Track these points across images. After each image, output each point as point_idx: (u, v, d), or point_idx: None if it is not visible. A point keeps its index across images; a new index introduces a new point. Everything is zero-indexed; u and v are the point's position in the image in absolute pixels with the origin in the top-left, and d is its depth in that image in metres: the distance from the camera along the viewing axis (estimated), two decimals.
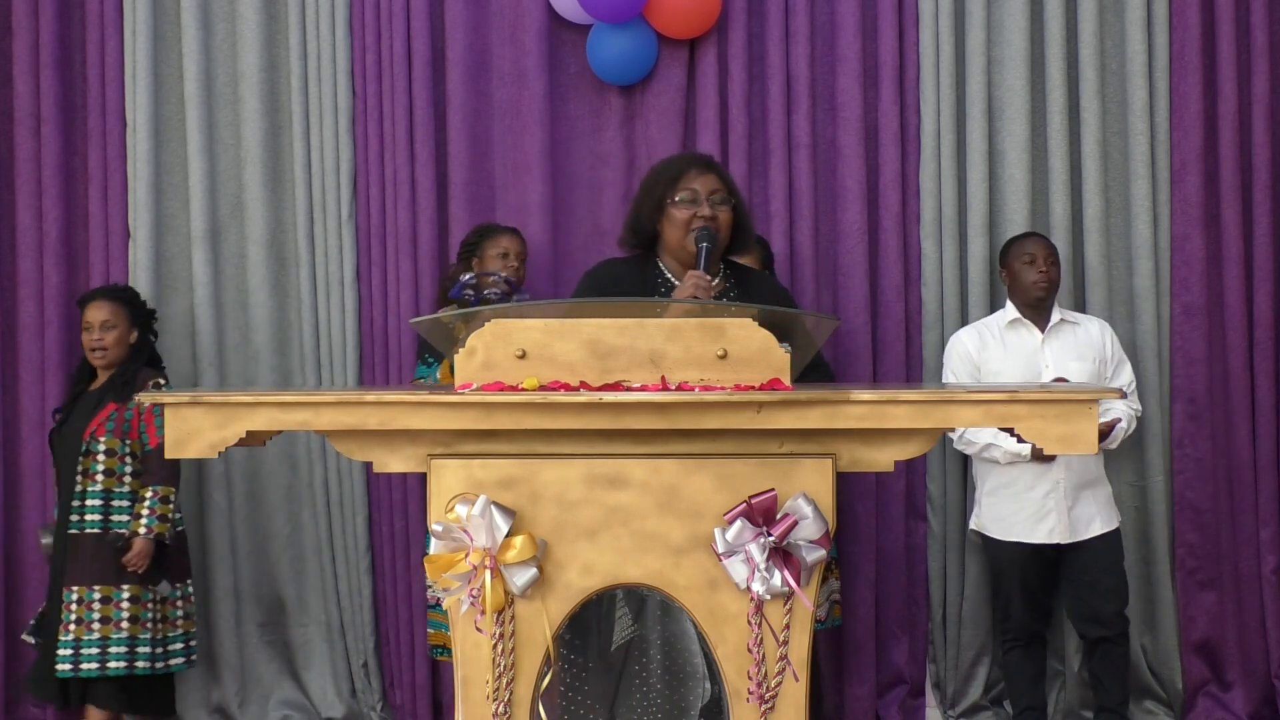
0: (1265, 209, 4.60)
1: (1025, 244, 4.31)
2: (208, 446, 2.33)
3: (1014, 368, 4.23)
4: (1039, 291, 4.24)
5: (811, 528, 2.30)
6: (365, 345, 4.70)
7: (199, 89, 4.67)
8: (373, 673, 4.73)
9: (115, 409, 4.26)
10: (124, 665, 4.16)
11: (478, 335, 2.31)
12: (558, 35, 4.69)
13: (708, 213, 3.17)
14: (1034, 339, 4.27)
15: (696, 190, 3.19)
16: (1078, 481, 4.19)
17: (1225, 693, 4.65)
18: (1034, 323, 4.28)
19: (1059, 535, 4.19)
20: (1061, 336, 4.28)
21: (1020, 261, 4.27)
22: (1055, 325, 4.28)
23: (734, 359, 2.28)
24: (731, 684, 2.33)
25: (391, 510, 4.66)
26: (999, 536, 4.28)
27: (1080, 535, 4.21)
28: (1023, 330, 4.29)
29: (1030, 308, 4.28)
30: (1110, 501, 4.33)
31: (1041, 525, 4.20)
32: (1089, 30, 4.60)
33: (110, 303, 4.33)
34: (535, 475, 2.33)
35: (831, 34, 4.67)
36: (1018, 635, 4.34)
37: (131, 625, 4.17)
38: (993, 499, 4.29)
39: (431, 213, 4.65)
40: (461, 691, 2.35)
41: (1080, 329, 4.31)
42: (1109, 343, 4.32)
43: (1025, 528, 4.21)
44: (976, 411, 2.33)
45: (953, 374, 4.32)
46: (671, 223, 3.19)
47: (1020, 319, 4.28)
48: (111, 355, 4.31)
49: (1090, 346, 4.27)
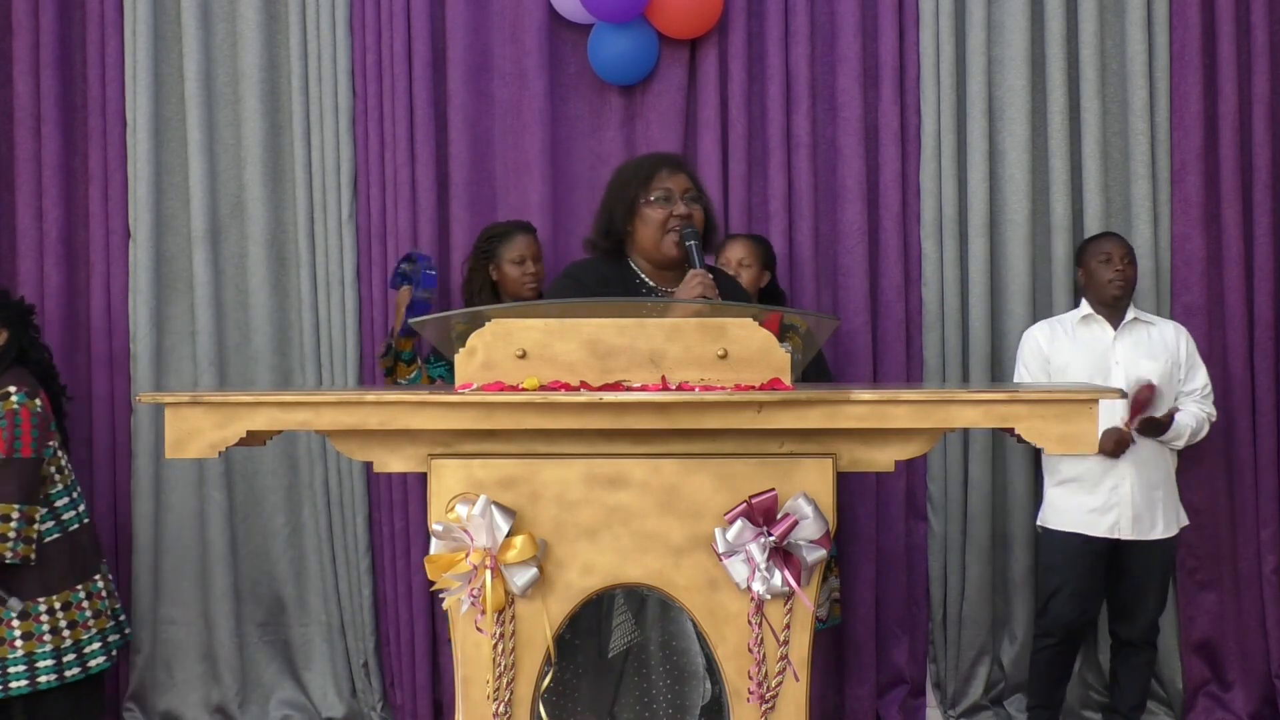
0: (1265, 209, 4.61)
1: (1102, 243, 4.30)
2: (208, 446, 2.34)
3: (1084, 363, 4.22)
4: (1115, 290, 4.24)
5: (812, 528, 2.30)
6: (365, 345, 4.70)
7: (199, 89, 4.67)
8: (373, 673, 4.73)
9: None
10: (26, 683, 4.03)
11: (478, 335, 2.31)
12: (558, 35, 4.69)
13: (683, 211, 3.17)
14: (1106, 336, 4.26)
15: (670, 189, 3.19)
16: (1147, 480, 4.18)
17: (1225, 693, 4.65)
18: (1107, 320, 4.27)
19: (1122, 531, 4.18)
20: (1134, 335, 4.27)
21: (1097, 260, 4.27)
22: (1128, 323, 4.27)
23: (734, 359, 2.29)
24: (731, 684, 2.34)
25: (391, 510, 4.66)
26: (1059, 528, 4.26)
27: (1143, 535, 4.19)
28: (1095, 327, 4.28)
29: (1106, 306, 4.27)
30: (1177, 504, 4.32)
31: (1105, 519, 4.18)
32: (1089, 30, 4.60)
33: None
34: (535, 475, 2.33)
35: (831, 34, 4.67)
36: (1052, 633, 4.29)
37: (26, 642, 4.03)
38: (1061, 490, 4.27)
39: (431, 213, 4.64)
40: (461, 691, 2.35)
41: (1155, 329, 4.29)
42: (1184, 345, 4.30)
43: (1090, 519, 4.19)
44: (977, 411, 2.33)
45: (1024, 368, 4.31)
46: (645, 223, 3.19)
47: (1093, 315, 4.28)
48: None
49: (1163, 347, 4.25)
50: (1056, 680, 4.36)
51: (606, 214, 3.26)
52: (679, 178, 3.22)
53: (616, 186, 3.29)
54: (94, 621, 4.20)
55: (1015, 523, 4.65)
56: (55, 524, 4.17)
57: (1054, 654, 4.33)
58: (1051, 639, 4.31)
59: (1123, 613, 4.30)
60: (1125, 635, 4.30)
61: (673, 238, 3.15)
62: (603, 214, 3.28)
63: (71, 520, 4.21)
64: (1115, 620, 4.35)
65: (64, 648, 4.11)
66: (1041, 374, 4.25)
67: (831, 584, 4.27)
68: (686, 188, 3.21)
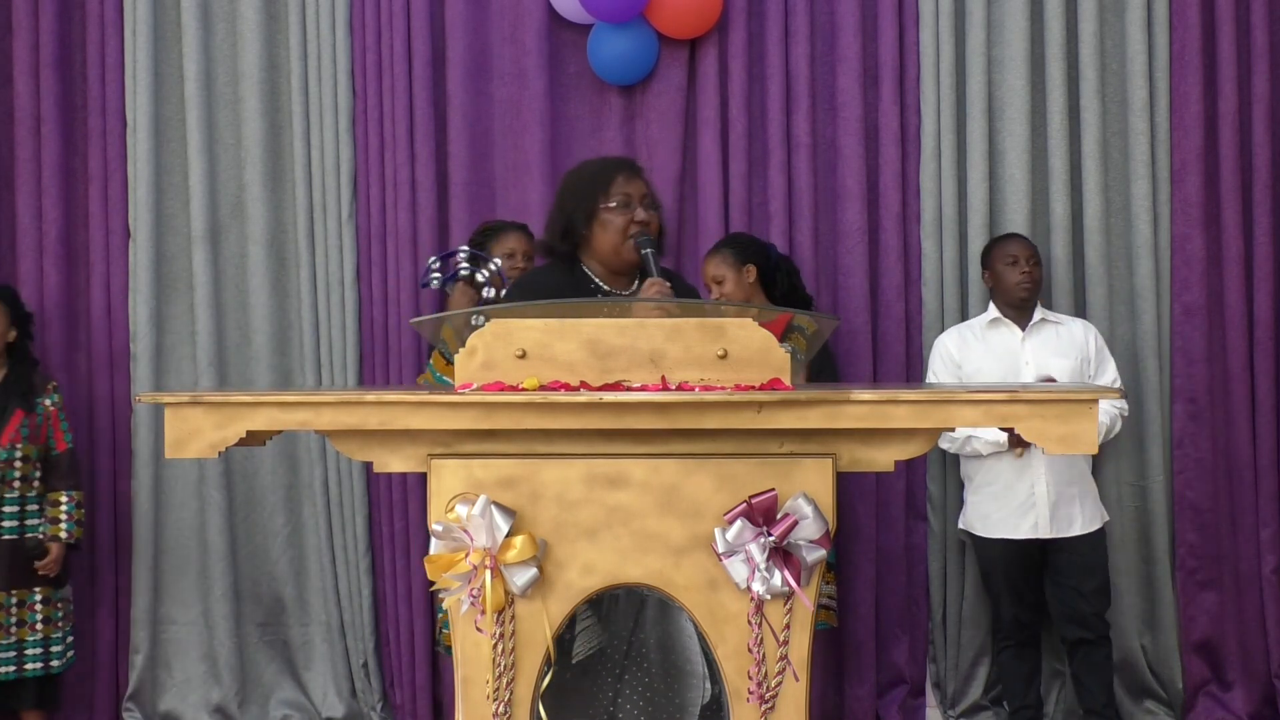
0: (1265, 209, 4.60)
1: (1007, 245, 4.33)
2: (208, 446, 2.33)
3: (994, 366, 4.26)
4: (1022, 292, 4.28)
5: (811, 528, 2.30)
6: (365, 345, 4.70)
7: (199, 89, 4.67)
8: (373, 673, 4.73)
9: (24, 415, 4.30)
10: (40, 666, 4.29)
11: (478, 335, 2.32)
12: (558, 35, 4.69)
13: (643, 217, 3.19)
14: (1014, 337, 4.30)
15: (629, 194, 3.21)
16: (1062, 478, 4.21)
17: (1225, 693, 4.65)
18: (1015, 322, 4.31)
19: (1041, 530, 4.21)
20: (1042, 334, 4.30)
21: (1003, 263, 4.30)
22: (1036, 324, 4.31)
23: (734, 359, 2.29)
24: (731, 684, 2.34)
25: (391, 510, 4.66)
26: (984, 534, 4.32)
27: (1063, 532, 4.23)
28: (1003, 329, 4.32)
29: (1013, 308, 4.31)
30: (1096, 501, 4.34)
31: (1024, 521, 4.22)
32: (1089, 30, 4.60)
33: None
34: (535, 475, 2.33)
35: (831, 34, 4.67)
36: (1009, 635, 4.37)
37: (45, 626, 4.30)
38: (977, 497, 4.32)
39: (431, 213, 4.64)
40: (461, 691, 2.35)
41: (1062, 328, 4.33)
42: (1091, 341, 4.33)
43: (1009, 524, 4.24)
44: (977, 411, 2.33)
45: (934, 374, 4.36)
46: (605, 228, 3.19)
47: (1000, 318, 4.32)
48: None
49: (1072, 344, 4.29)
50: (1026, 678, 4.39)
51: (564, 218, 3.25)
52: (636, 183, 3.25)
53: (573, 190, 3.28)
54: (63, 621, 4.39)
55: None
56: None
57: (1015, 653, 4.38)
58: (1009, 640, 4.37)
59: (1066, 614, 4.29)
60: (1074, 635, 4.29)
61: (633, 244, 3.17)
62: (559, 217, 3.27)
63: None
64: (1062, 623, 4.33)
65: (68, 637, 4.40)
66: (951, 379, 4.28)
67: (825, 590, 4.24)
68: (644, 193, 3.24)
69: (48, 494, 4.36)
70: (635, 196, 3.21)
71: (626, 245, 3.18)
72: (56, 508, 4.34)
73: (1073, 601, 4.26)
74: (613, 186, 3.21)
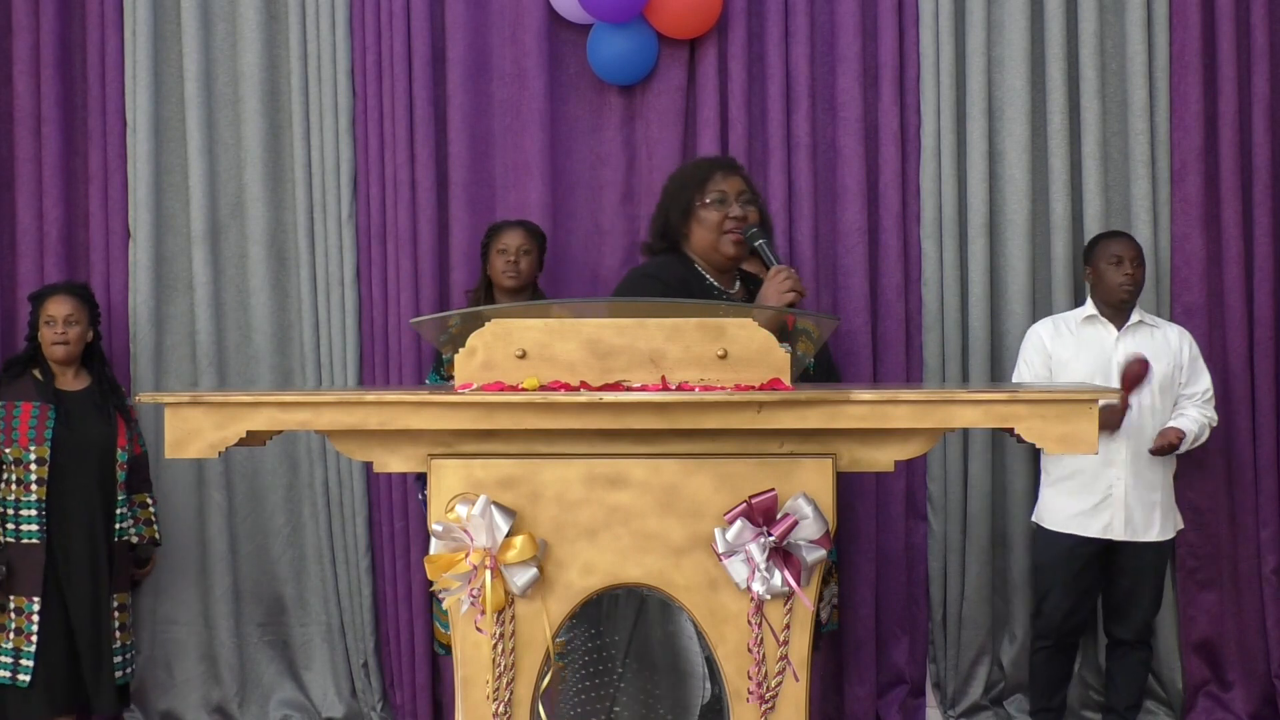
0: (1265, 209, 4.60)
1: (1112, 244, 4.27)
2: (208, 446, 2.33)
3: (1085, 362, 4.22)
4: (1124, 294, 4.23)
5: (811, 528, 2.30)
6: (365, 345, 4.70)
7: (199, 89, 4.67)
8: (373, 673, 4.73)
9: (123, 419, 4.37)
10: (132, 671, 4.40)
11: (478, 335, 2.31)
12: (558, 35, 4.69)
13: (739, 213, 3.23)
14: (1109, 336, 4.25)
15: (725, 192, 3.25)
16: (1143, 481, 4.19)
17: (1225, 693, 4.65)
18: (1111, 321, 4.27)
19: (1114, 532, 4.18)
20: (1137, 336, 4.26)
21: (1106, 261, 4.24)
22: (1132, 325, 4.26)
23: (734, 359, 2.28)
24: (731, 684, 2.33)
25: (391, 510, 4.66)
26: (1053, 528, 4.27)
27: (1138, 536, 4.19)
28: (1098, 327, 4.27)
29: (1112, 307, 4.26)
30: (1174, 508, 4.32)
31: (1098, 519, 4.19)
32: (1089, 30, 4.60)
33: (74, 298, 4.35)
34: (535, 475, 2.33)
35: (831, 34, 4.67)
36: (1047, 636, 4.32)
37: (127, 631, 4.37)
38: (1054, 490, 4.28)
39: (431, 213, 4.64)
40: (461, 691, 2.35)
41: (1159, 332, 4.29)
42: (1186, 349, 4.28)
43: (1082, 520, 4.20)
44: (977, 411, 2.33)
45: (1026, 363, 4.30)
46: (702, 225, 3.25)
47: (1097, 316, 4.27)
48: (73, 350, 4.33)
49: (1166, 349, 4.24)
50: (1056, 682, 4.37)
51: (662, 217, 3.33)
52: (733, 180, 3.29)
53: (672, 191, 3.36)
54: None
55: (1015, 523, 4.65)
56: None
57: (1049, 655, 4.35)
58: (1047, 641, 4.33)
59: (1117, 613, 4.31)
60: (1120, 635, 4.31)
61: (730, 238, 3.22)
62: (658, 218, 3.35)
63: None
64: (1110, 620, 4.36)
65: None
66: (1044, 370, 4.25)
67: (832, 589, 4.25)
68: (741, 190, 3.28)
69: (134, 496, 4.40)
70: (731, 193, 3.25)
71: (723, 241, 3.23)
72: (146, 509, 4.42)
73: (1128, 604, 4.26)
74: (709, 184, 3.26)
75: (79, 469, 4.25)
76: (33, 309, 4.37)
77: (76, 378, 4.36)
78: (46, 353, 4.32)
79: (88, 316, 4.36)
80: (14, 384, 4.30)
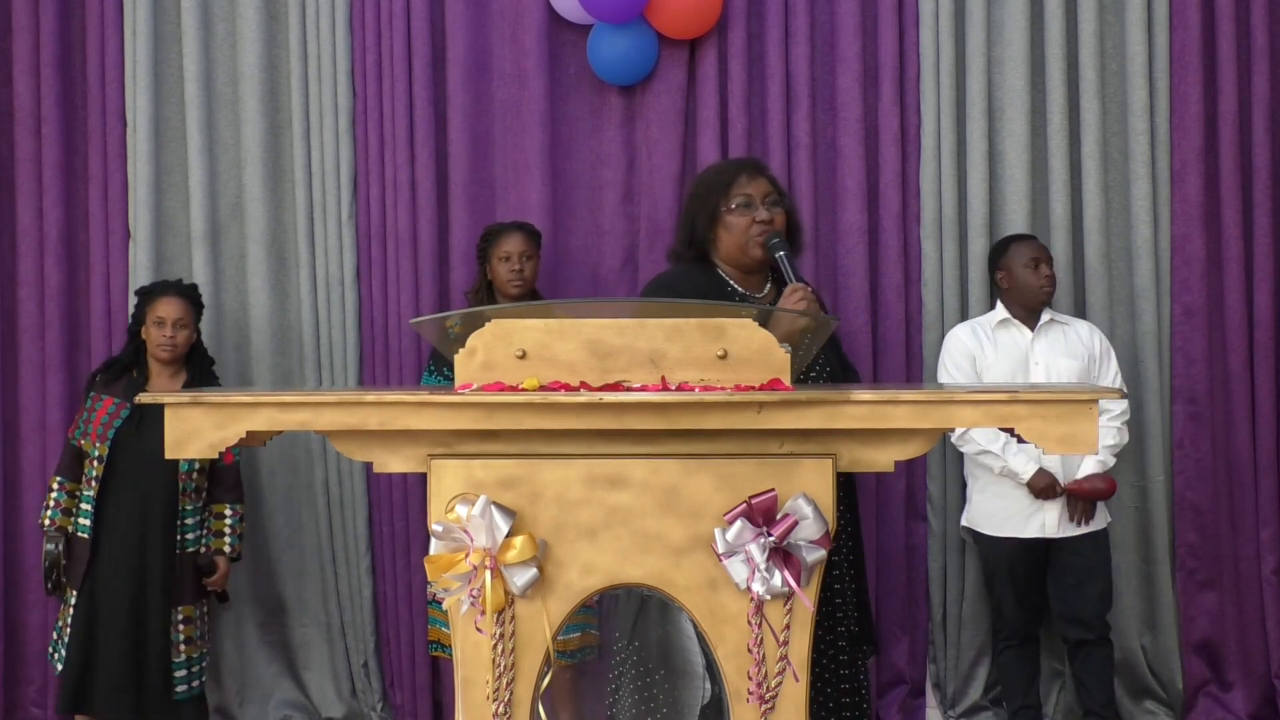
0: (1265, 209, 4.60)
1: (1025, 248, 4.32)
2: (208, 446, 2.33)
3: (1004, 366, 4.26)
4: (1044, 296, 4.28)
5: (811, 528, 2.30)
6: (365, 345, 4.70)
7: (199, 89, 4.67)
8: (373, 673, 4.73)
9: None
10: (199, 684, 4.30)
11: (478, 335, 2.31)
12: (558, 35, 4.69)
13: (765, 217, 3.18)
14: (1024, 338, 4.30)
15: (751, 195, 3.20)
16: (1070, 477, 4.20)
17: (1225, 693, 4.65)
18: (1024, 323, 4.31)
19: (1049, 530, 4.21)
20: (1050, 335, 4.30)
21: (1021, 265, 4.29)
22: (1045, 325, 4.31)
23: (734, 359, 2.28)
24: (731, 684, 2.33)
25: (391, 510, 4.66)
26: (990, 533, 4.31)
27: (1070, 531, 4.22)
28: (1013, 329, 4.32)
29: (1027, 310, 4.30)
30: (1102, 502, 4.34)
31: (1033, 520, 4.22)
32: (1089, 30, 4.60)
33: (184, 300, 4.31)
34: (535, 475, 2.33)
35: (831, 34, 4.67)
36: (1010, 635, 4.37)
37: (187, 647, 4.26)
38: (983, 495, 4.32)
39: (431, 213, 4.64)
40: (461, 691, 2.35)
41: (1070, 329, 4.33)
42: (1098, 342, 4.34)
43: (1017, 523, 4.24)
44: (977, 411, 2.33)
45: (953, 367, 4.33)
46: (728, 230, 3.21)
47: (1010, 319, 4.31)
48: (180, 353, 4.28)
49: (1080, 345, 4.29)
50: (1028, 678, 4.39)
51: (689, 223, 3.27)
52: (759, 182, 3.23)
53: (697, 195, 3.30)
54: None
55: None
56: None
57: (1016, 654, 4.38)
58: (1011, 641, 4.37)
59: (1067, 615, 4.30)
60: (1075, 636, 4.30)
61: (757, 241, 3.16)
62: (684, 224, 3.31)
63: None
64: (1062, 623, 4.34)
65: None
66: (971, 372, 4.28)
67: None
68: (766, 192, 3.22)
69: (212, 505, 4.30)
70: (757, 196, 3.20)
71: (751, 245, 3.18)
72: (221, 520, 4.29)
73: (1075, 602, 4.26)
74: (733, 188, 3.21)
75: (141, 473, 4.15)
76: (139, 305, 4.32)
77: (174, 379, 4.30)
78: (151, 352, 4.28)
79: (194, 319, 4.32)
80: (113, 384, 4.28)
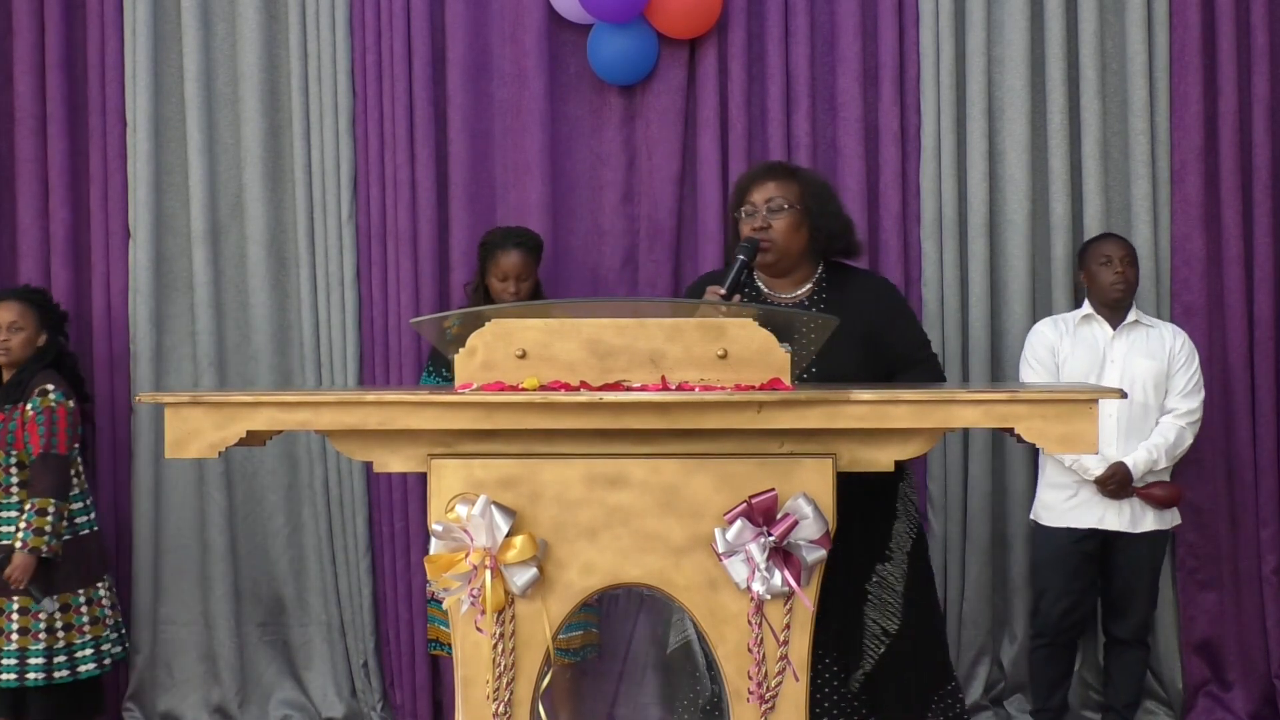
0: (1265, 209, 4.60)
1: (1102, 246, 4.31)
2: (208, 446, 2.34)
3: (1081, 361, 4.24)
4: (1115, 293, 4.25)
5: (811, 528, 2.30)
6: (365, 345, 4.70)
7: (199, 89, 4.67)
8: (373, 673, 4.73)
9: (1, 418, 4.21)
10: (14, 678, 4.11)
11: (478, 335, 2.32)
12: (558, 35, 4.69)
13: (758, 224, 3.19)
14: (1104, 335, 4.27)
15: (755, 203, 3.22)
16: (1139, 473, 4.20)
17: (1225, 693, 4.65)
18: (1107, 320, 4.29)
19: (1110, 522, 4.19)
20: (1132, 335, 4.27)
21: (1097, 263, 4.28)
22: (1128, 324, 4.28)
23: (734, 359, 2.28)
24: (731, 684, 2.33)
25: (391, 510, 4.66)
26: (1049, 523, 4.28)
27: (1132, 527, 4.20)
28: (1094, 326, 4.29)
29: (1107, 307, 4.29)
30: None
31: (1093, 511, 4.20)
32: (1089, 30, 4.60)
33: (20, 304, 4.30)
34: (535, 475, 2.33)
35: (831, 34, 4.67)
36: (1044, 634, 4.33)
37: (21, 637, 4.12)
38: (1050, 486, 4.29)
39: (431, 213, 4.64)
40: (461, 691, 2.35)
41: (1154, 330, 4.30)
42: (1181, 345, 4.30)
43: (1077, 513, 4.21)
44: (977, 411, 2.33)
45: (1034, 361, 4.30)
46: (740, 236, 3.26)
47: (1093, 315, 4.30)
48: (15, 356, 4.27)
49: (1161, 346, 4.26)
50: (1054, 682, 4.36)
51: (732, 226, 3.36)
52: (764, 188, 3.23)
53: (730, 203, 3.42)
54: (90, 628, 4.24)
55: (1015, 523, 4.65)
56: (68, 525, 4.21)
57: (1047, 655, 4.35)
58: (1044, 639, 4.34)
59: (1114, 611, 4.32)
60: (1117, 633, 4.32)
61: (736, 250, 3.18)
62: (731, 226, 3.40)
63: (83, 525, 4.29)
64: (1108, 618, 4.36)
65: (56, 648, 4.15)
66: (1052, 364, 4.27)
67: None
68: (769, 197, 3.21)
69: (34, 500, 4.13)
70: (760, 203, 3.22)
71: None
72: (43, 516, 4.11)
73: (1125, 601, 4.27)
74: (745, 196, 3.26)
75: None
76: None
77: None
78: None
79: (35, 322, 4.30)
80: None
